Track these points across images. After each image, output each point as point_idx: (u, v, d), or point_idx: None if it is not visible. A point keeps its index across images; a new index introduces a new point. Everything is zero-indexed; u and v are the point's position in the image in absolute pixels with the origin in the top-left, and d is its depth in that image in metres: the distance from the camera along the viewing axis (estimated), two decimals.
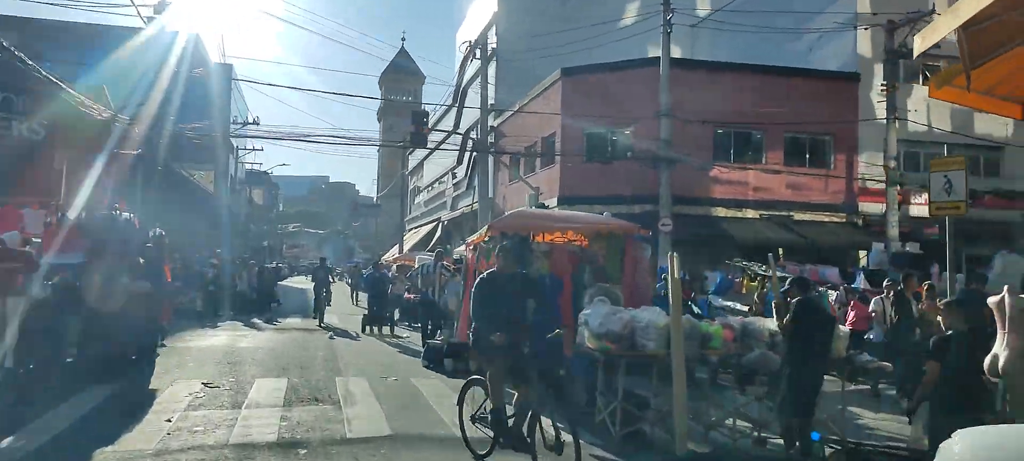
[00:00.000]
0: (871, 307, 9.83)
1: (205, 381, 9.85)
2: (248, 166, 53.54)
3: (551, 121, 26.40)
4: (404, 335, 18.32)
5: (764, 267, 12.06)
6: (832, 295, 12.86)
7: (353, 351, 14.06)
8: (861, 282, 13.60)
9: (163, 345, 13.37)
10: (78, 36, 30.66)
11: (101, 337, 10.22)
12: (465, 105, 40.59)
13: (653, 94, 22.29)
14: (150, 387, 9.52)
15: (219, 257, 26.00)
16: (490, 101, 28.31)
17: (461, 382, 10.60)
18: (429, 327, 13.33)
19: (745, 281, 12.67)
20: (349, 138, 28.41)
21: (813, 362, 6.64)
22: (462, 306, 11.31)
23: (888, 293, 10.26)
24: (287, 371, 11.10)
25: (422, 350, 13.20)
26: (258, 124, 39.99)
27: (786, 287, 7.08)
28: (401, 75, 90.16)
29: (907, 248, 17.28)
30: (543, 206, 23.66)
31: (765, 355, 7.34)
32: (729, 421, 7.82)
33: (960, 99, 5.17)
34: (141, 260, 11.20)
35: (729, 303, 11.20)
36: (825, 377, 7.23)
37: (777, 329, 7.21)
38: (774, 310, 7.34)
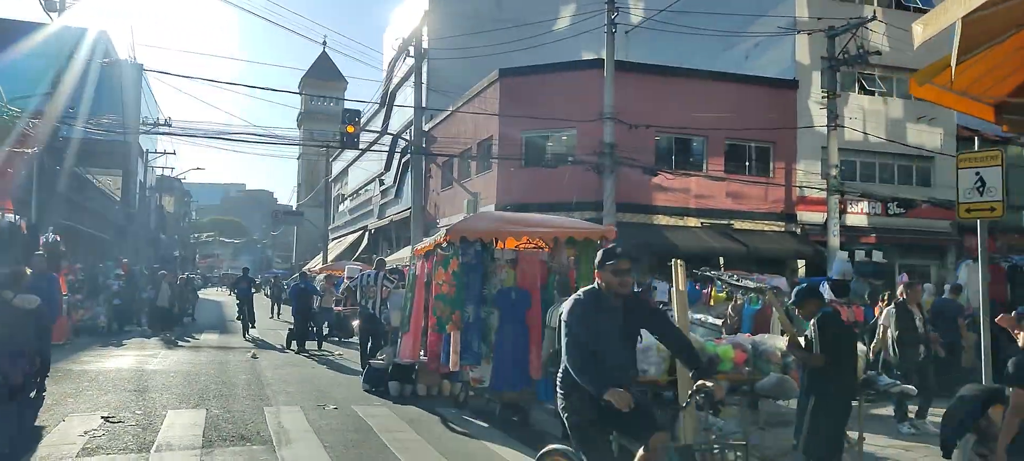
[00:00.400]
0: (881, 319, 8.94)
1: (106, 415, 8.23)
2: (158, 171, 50.55)
3: (488, 124, 25.32)
4: (335, 351, 16.81)
5: (734, 276, 11.23)
6: None
7: (280, 373, 12.52)
8: (826, 292, 12.94)
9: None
10: None
11: None
12: (394, 108, 39.20)
13: (593, 97, 21.55)
14: (36, 424, 7.84)
15: (127, 267, 23.76)
16: (422, 104, 26.98)
17: (412, 411, 9.44)
18: (369, 345, 11.93)
19: (713, 292, 11.81)
20: (272, 137, 26.30)
21: (843, 389, 5.67)
22: (414, 320, 10.01)
23: (887, 303, 9.51)
24: (205, 400, 9.55)
25: (362, 371, 11.80)
26: (170, 125, 37.49)
27: (797, 299, 6.05)
28: (323, 80, 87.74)
29: (872, 257, 16.87)
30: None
31: (782, 381, 6.34)
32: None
33: (940, 98, 4.91)
34: (28, 270, 9.45)
35: (700, 316, 10.25)
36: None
37: (789, 349, 6.19)
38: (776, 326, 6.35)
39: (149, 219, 49.30)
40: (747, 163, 25.30)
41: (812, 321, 5.73)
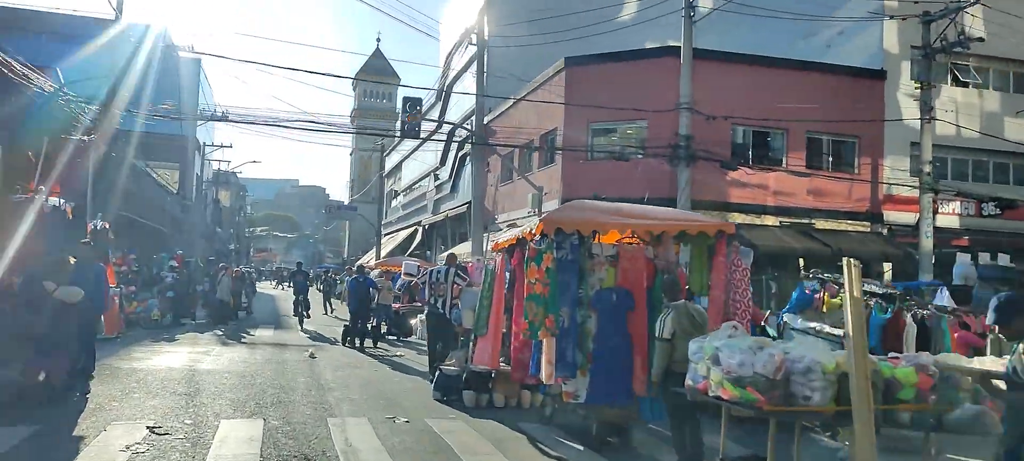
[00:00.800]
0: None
1: (151, 425, 7.27)
2: (215, 165, 50.71)
3: (552, 116, 24.14)
4: (395, 352, 15.83)
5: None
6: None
7: (341, 376, 11.53)
8: (946, 300, 11.40)
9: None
10: (41, 27, 28.46)
11: (11, 360, 7.66)
12: (451, 100, 38.29)
13: (665, 87, 20.33)
14: (75, 433, 6.93)
15: (181, 259, 23.24)
16: (484, 92, 25.94)
17: (492, 426, 8.34)
18: (438, 347, 10.82)
19: (825, 297, 10.41)
20: (327, 126, 25.51)
21: None
22: (493, 323, 8.88)
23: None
24: (262, 408, 8.55)
25: (430, 376, 10.73)
26: (227, 118, 37.40)
27: (1000, 315, 4.54)
28: (375, 76, 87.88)
29: (998, 260, 15.18)
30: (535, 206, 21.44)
31: (981, 415, 5.02)
32: None
33: None
34: (72, 258, 8.61)
35: (814, 324, 8.88)
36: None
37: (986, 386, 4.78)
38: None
39: (205, 212, 49.45)
40: (829, 158, 23.63)
41: (1021, 346, 4.36)
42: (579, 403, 7.51)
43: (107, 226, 10.57)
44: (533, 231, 7.60)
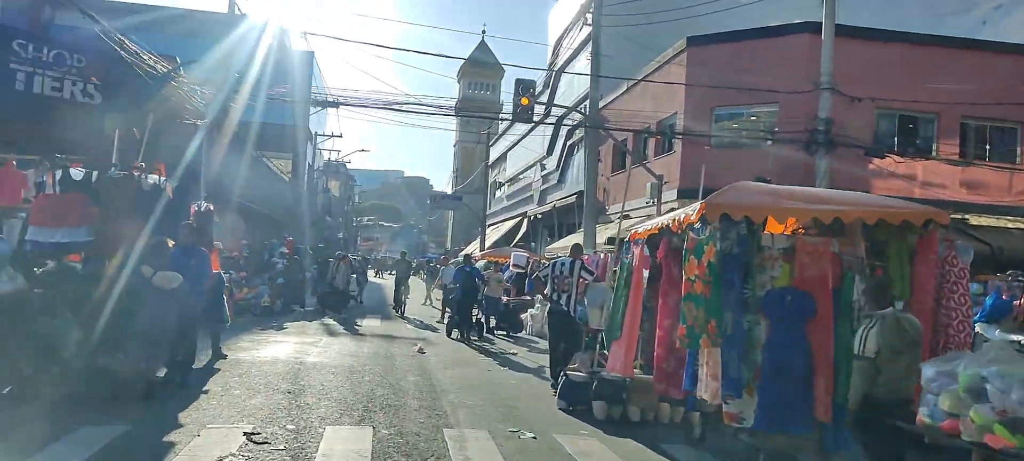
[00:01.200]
0: None
1: (249, 430, 6.45)
2: (326, 153, 51.57)
3: (670, 100, 22.59)
4: (509, 349, 14.82)
5: None
6: None
7: (453, 376, 10.57)
8: None
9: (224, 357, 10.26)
10: (161, 25, 29.53)
11: (107, 350, 7.05)
12: (557, 92, 37.17)
13: (799, 67, 18.52)
14: (165, 438, 6.17)
15: (291, 245, 23.14)
16: (588, 87, 24.70)
17: (632, 447, 7.10)
18: (562, 348, 9.67)
19: None
20: (436, 108, 24.79)
21: None
22: (629, 325, 7.68)
23: None
24: (371, 412, 7.65)
25: (553, 381, 9.62)
26: (338, 107, 37.77)
27: None
28: (480, 69, 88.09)
29: None
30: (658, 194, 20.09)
31: None
32: None
33: None
34: (170, 242, 7.98)
35: (1018, 337, 7.21)
36: None
37: None
38: None
39: (316, 201, 50.29)
40: (986, 147, 21.05)
41: None
42: (743, 427, 6.18)
43: (211, 208, 9.97)
44: (682, 220, 6.32)
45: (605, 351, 9.82)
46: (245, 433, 6.34)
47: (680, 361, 7.04)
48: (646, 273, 7.82)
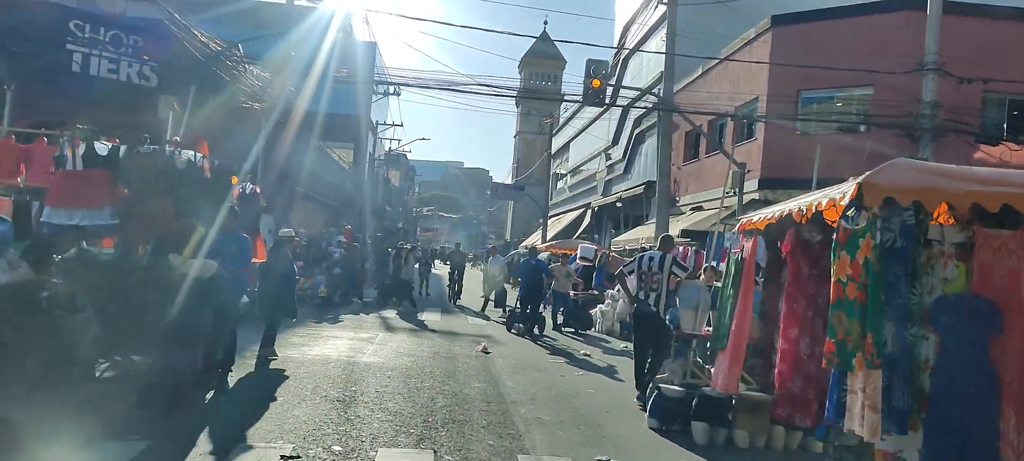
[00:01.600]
0: None
1: (288, 454, 5.40)
2: (387, 142, 51.26)
3: (751, 84, 20.98)
4: (580, 350, 13.57)
5: None
6: None
7: (522, 382, 9.41)
8: None
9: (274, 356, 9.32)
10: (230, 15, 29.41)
11: (131, 348, 6.11)
12: (623, 80, 35.70)
13: (894, 47, 16.99)
14: (190, 456, 5.16)
15: (349, 234, 22.37)
16: (660, 72, 23.22)
17: None
18: (650, 356, 8.37)
19: None
20: (498, 89, 23.61)
21: None
22: (736, 331, 6.38)
23: None
24: (431, 429, 6.55)
25: (639, 393, 8.37)
26: (399, 95, 37.22)
27: None
28: (541, 59, 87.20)
29: None
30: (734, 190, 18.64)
31: None
32: None
33: None
34: (201, 227, 7.01)
35: None
36: None
37: None
38: None
39: (376, 191, 49.97)
40: None
41: None
42: None
43: (257, 190, 9.04)
44: (807, 208, 4.98)
45: (698, 359, 8.55)
46: (282, 456, 5.29)
47: (809, 381, 5.72)
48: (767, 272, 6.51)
